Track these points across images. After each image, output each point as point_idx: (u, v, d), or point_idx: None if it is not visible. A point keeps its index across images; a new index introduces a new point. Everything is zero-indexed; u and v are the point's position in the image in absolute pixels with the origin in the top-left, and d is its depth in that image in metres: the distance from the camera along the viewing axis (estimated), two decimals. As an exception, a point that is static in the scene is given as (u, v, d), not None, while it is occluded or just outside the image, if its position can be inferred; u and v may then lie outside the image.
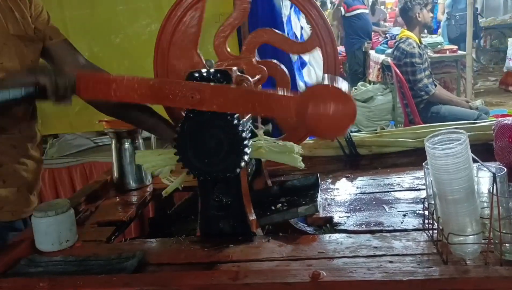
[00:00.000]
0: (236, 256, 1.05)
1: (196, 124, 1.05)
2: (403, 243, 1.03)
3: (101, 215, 1.39)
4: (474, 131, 1.64)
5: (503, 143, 1.37)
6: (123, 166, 1.57)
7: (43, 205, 1.19)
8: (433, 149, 0.91)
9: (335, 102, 0.97)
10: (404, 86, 4.07)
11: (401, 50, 4.11)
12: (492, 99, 6.32)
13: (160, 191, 1.60)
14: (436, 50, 5.64)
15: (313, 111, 0.97)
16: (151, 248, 1.16)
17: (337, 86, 0.98)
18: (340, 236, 1.10)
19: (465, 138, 0.89)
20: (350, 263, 0.97)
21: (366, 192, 1.42)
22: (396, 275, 0.87)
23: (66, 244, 1.16)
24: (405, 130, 1.85)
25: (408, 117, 4.18)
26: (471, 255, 0.93)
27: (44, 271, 1.05)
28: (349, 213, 1.27)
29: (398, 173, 1.55)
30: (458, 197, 0.90)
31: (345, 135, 1.31)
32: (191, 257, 1.07)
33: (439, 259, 0.95)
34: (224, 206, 1.12)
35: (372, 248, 1.02)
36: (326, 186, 1.49)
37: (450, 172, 0.89)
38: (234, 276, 0.92)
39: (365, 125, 5.42)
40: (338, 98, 0.97)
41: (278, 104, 1.01)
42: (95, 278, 0.98)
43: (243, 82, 1.09)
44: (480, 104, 4.24)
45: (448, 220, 0.93)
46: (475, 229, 0.92)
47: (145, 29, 2.62)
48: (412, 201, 1.31)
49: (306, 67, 3.42)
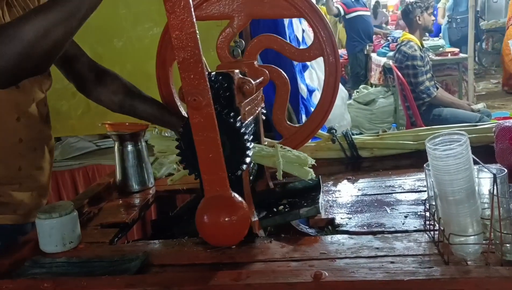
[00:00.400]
0: (239, 258, 1.06)
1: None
2: (404, 244, 1.04)
3: (104, 217, 1.40)
4: (475, 133, 1.65)
5: (504, 145, 1.38)
6: (126, 169, 1.58)
7: (47, 207, 1.20)
8: (434, 150, 0.92)
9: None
10: (406, 89, 4.08)
11: (402, 52, 4.13)
12: (494, 102, 6.32)
13: (162, 193, 1.62)
14: (437, 52, 5.65)
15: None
16: (154, 250, 1.17)
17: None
18: (342, 237, 1.11)
19: (466, 139, 0.90)
20: (352, 263, 0.98)
21: (367, 194, 1.42)
22: (397, 275, 0.88)
23: (70, 246, 1.17)
24: (406, 133, 1.86)
25: (410, 119, 4.19)
26: (472, 255, 0.93)
27: (48, 272, 1.06)
28: (350, 214, 1.28)
29: (400, 175, 1.55)
30: (459, 198, 0.91)
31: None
32: (194, 258, 1.08)
33: (440, 259, 0.96)
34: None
35: (373, 249, 1.03)
36: (327, 188, 1.50)
37: (450, 173, 0.90)
38: (236, 276, 0.93)
39: (367, 128, 5.43)
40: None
41: (215, 181, 1.00)
42: (99, 279, 0.98)
43: (245, 84, 1.09)
44: (482, 107, 4.24)
45: (449, 221, 0.94)
46: (476, 229, 0.92)
47: (148, 33, 2.63)
48: (413, 202, 1.31)
49: (308, 70, 3.43)
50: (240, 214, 0.98)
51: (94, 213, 1.43)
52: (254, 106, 1.25)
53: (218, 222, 0.97)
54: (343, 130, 1.77)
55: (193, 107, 0.96)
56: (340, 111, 4.45)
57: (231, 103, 1.07)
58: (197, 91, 0.92)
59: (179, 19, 0.91)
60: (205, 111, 0.95)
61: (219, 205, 0.98)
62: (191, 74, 0.93)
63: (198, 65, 0.93)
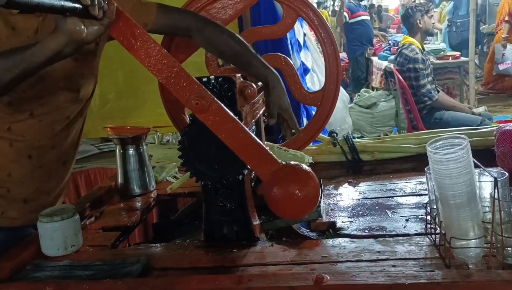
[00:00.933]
0: (240, 261, 1.06)
1: (201, 129, 1.06)
2: (405, 247, 1.04)
3: (105, 221, 1.40)
4: (476, 136, 1.65)
5: (505, 148, 1.38)
6: (127, 172, 1.58)
7: (48, 211, 1.20)
8: (435, 154, 0.92)
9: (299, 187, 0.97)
10: (407, 92, 4.08)
11: (404, 56, 4.13)
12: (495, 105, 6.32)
13: (163, 197, 1.62)
14: (438, 56, 5.65)
15: (277, 191, 0.98)
16: (156, 253, 1.17)
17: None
18: (343, 241, 1.11)
19: (467, 143, 0.90)
20: (353, 267, 0.98)
21: (368, 197, 1.42)
22: (399, 278, 0.88)
23: (72, 249, 1.17)
24: (407, 136, 1.86)
25: (411, 123, 4.19)
26: (474, 259, 0.93)
27: (50, 276, 1.06)
28: (352, 218, 1.28)
29: (401, 179, 1.55)
30: (460, 202, 0.91)
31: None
32: (195, 262, 1.08)
33: (441, 263, 0.96)
34: (228, 211, 1.13)
35: (375, 253, 1.03)
36: (329, 191, 1.50)
37: (452, 176, 0.90)
38: (238, 280, 0.93)
39: (368, 131, 5.43)
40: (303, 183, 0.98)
41: (261, 161, 1.00)
42: (101, 283, 0.98)
43: (247, 88, 1.10)
44: (483, 110, 4.24)
45: (450, 225, 0.94)
46: (477, 233, 0.92)
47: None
48: (414, 206, 1.31)
49: (309, 74, 3.44)
50: (311, 185, 0.98)
51: (96, 217, 1.43)
52: (255, 110, 1.25)
53: (290, 193, 0.96)
54: (344, 133, 1.78)
55: (200, 110, 0.97)
56: (341, 114, 4.46)
57: (233, 107, 1.07)
58: (195, 94, 0.93)
59: (142, 51, 0.96)
60: (214, 108, 0.96)
61: (287, 177, 0.97)
62: (181, 84, 0.94)
63: (181, 73, 0.94)
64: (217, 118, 0.96)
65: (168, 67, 0.95)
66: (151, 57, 0.95)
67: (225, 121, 0.96)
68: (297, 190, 0.96)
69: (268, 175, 0.99)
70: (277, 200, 0.98)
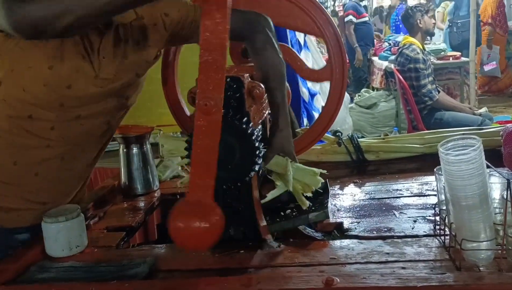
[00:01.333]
0: (247, 262, 1.04)
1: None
2: (415, 249, 1.03)
3: (109, 221, 1.39)
4: (481, 137, 1.63)
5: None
6: (131, 172, 1.57)
7: (52, 211, 1.19)
8: (447, 155, 0.91)
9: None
10: (408, 93, 4.07)
11: (405, 56, 4.12)
12: (495, 106, 6.32)
13: (167, 196, 1.61)
14: (439, 56, 5.65)
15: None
16: (161, 254, 1.16)
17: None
18: (351, 242, 1.10)
19: (479, 144, 0.89)
20: (362, 269, 0.97)
21: (375, 198, 1.41)
22: (410, 281, 0.87)
23: (76, 250, 1.16)
24: (412, 136, 1.85)
25: (412, 123, 4.18)
26: (485, 261, 0.92)
27: (55, 277, 1.05)
28: (358, 218, 1.27)
29: (406, 179, 1.55)
30: (472, 203, 0.90)
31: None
32: (202, 263, 1.07)
33: (451, 265, 0.95)
34: (235, 212, 1.12)
35: (384, 254, 1.02)
36: (334, 191, 1.49)
37: (464, 178, 0.89)
38: (247, 282, 0.92)
39: (369, 132, 5.42)
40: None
41: (201, 187, 0.94)
42: (107, 284, 0.97)
43: (255, 88, 1.09)
44: (484, 111, 4.24)
45: (461, 226, 0.93)
46: (488, 235, 0.91)
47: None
48: (421, 206, 1.30)
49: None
50: (212, 222, 0.92)
51: (99, 217, 1.42)
52: (262, 110, 1.24)
53: (189, 226, 0.91)
54: (348, 133, 1.77)
55: (203, 111, 0.94)
56: (342, 115, 4.45)
57: (241, 107, 1.06)
58: (211, 97, 0.91)
59: (214, 22, 0.88)
60: (213, 118, 0.93)
61: (193, 210, 0.93)
62: (209, 78, 0.91)
63: (219, 72, 0.90)
64: (207, 126, 0.92)
65: (216, 56, 0.90)
66: (214, 34, 0.89)
67: (210, 135, 0.92)
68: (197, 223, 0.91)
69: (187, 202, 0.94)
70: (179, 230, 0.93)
